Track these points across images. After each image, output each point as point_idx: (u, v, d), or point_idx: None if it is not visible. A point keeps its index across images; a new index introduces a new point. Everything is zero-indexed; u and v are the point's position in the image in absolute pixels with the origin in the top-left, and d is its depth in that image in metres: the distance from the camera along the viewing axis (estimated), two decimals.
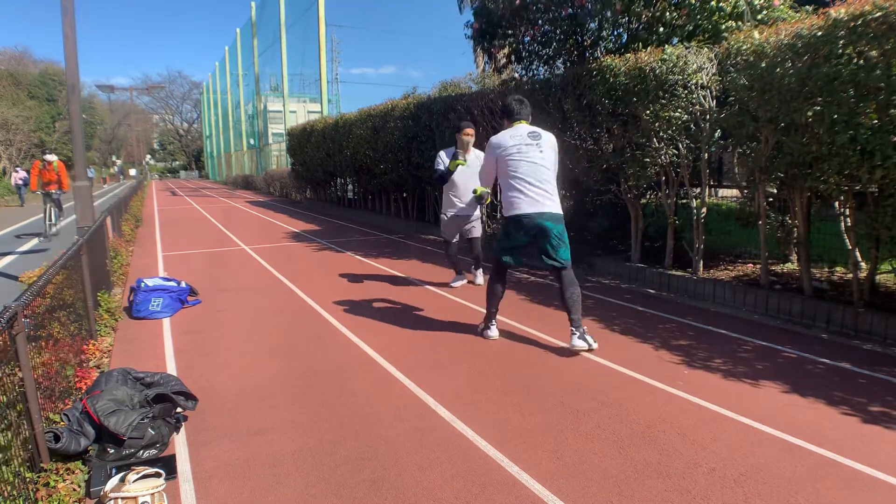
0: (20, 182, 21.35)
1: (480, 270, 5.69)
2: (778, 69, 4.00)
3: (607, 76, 5.33)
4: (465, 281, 5.74)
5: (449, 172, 5.25)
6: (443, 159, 5.32)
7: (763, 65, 4.12)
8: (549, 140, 3.73)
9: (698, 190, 5.21)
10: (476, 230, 5.46)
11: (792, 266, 5.08)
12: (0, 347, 2.01)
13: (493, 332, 4.01)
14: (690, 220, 5.27)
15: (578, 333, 3.65)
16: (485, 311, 4.06)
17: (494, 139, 3.79)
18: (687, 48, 4.95)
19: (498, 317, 4.10)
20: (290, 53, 23.46)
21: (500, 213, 3.89)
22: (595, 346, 3.70)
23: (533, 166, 3.62)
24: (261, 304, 5.11)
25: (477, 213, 5.44)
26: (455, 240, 5.50)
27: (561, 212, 3.68)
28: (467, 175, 5.19)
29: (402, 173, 9.83)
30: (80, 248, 3.86)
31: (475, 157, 5.20)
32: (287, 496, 2.17)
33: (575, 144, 6.00)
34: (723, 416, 2.75)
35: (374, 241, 9.07)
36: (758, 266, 5.08)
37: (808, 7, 5.05)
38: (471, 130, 5.14)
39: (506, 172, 3.69)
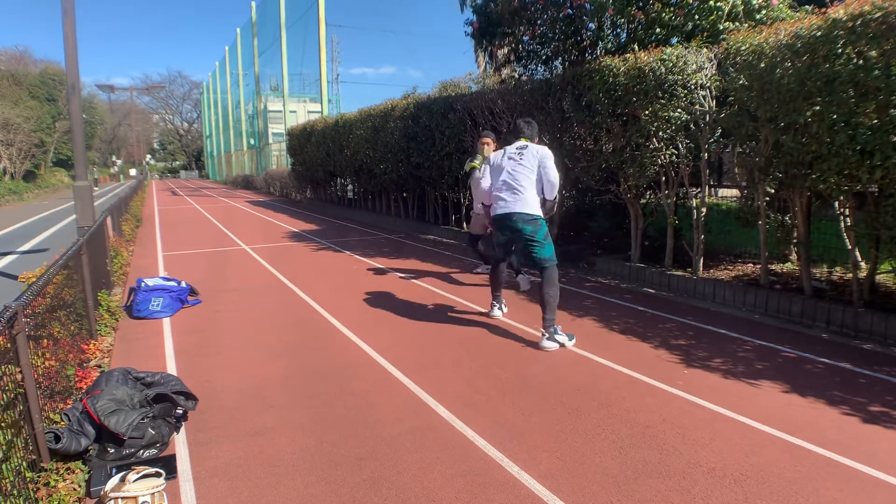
0: None
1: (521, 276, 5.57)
2: (777, 69, 4.00)
3: (606, 76, 5.33)
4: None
5: (465, 173, 5.95)
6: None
7: (762, 65, 4.12)
8: (532, 152, 3.97)
9: (698, 190, 5.22)
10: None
11: (792, 266, 5.09)
12: (0, 347, 2.01)
13: (495, 312, 4.53)
14: (690, 220, 5.27)
15: (548, 335, 3.78)
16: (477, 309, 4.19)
17: (491, 156, 4.28)
18: (686, 48, 4.95)
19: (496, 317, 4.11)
20: (290, 53, 23.52)
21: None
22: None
23: (510, 174, 3.97)
24: (261, 304, 5.11)
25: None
26: (481, 234, 5.80)
27: (534, 212, 3.90)
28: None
29: (402, 173, 9.83)
30: (81, 248, 3.86)
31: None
32: (287, 496, 2.17)
33: (574, 144, 6.01)
34: (723, 416, 2.75)
35: (374, 241, 9.07)
36: (758, 266, 5.08)
37: (807, 7, 5.06)
38: (486, 140, 5.54)
39: (494, 182, 4.14)
